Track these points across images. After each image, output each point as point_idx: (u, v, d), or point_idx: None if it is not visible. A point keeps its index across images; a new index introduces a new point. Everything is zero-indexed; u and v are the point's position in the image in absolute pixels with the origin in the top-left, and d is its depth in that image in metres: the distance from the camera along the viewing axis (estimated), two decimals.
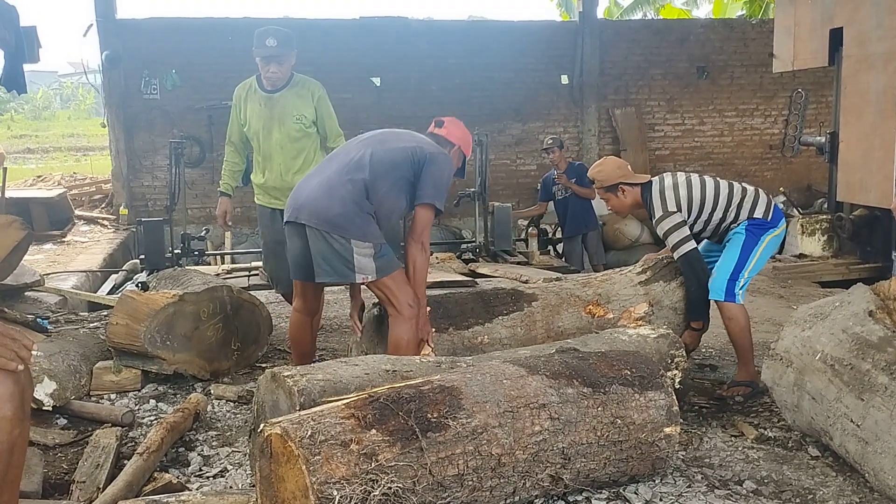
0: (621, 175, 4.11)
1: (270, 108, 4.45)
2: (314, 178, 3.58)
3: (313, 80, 4.62)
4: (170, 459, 3.15)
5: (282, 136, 4.45)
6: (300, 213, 3.48)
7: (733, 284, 3.87)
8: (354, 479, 2.10)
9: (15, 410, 1.92)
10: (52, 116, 34.23)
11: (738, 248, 3.92)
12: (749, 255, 3.90)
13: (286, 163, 4.48)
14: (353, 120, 10.98)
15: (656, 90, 12.34)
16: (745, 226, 3.96)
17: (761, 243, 3.94)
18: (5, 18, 5.00)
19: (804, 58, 7.89)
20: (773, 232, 4.00)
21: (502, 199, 10.35)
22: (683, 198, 3.97)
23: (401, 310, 3.42)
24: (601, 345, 3.35)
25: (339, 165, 3.54)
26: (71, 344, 4.06)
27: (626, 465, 2.72)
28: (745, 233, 3.95)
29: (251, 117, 4.49)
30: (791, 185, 11.90)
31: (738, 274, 3.88)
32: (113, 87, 10.90)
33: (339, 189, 3.44)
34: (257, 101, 4.48)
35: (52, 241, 9.43)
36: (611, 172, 4.13)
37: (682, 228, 3.93)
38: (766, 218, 3.98)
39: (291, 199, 3.59)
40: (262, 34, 4.35)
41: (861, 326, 2.96)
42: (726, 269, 3.90)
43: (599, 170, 4.21)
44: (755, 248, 3.92)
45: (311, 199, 3.47)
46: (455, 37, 11.65)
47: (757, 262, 3.93)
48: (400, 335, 3.42)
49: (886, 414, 2.63)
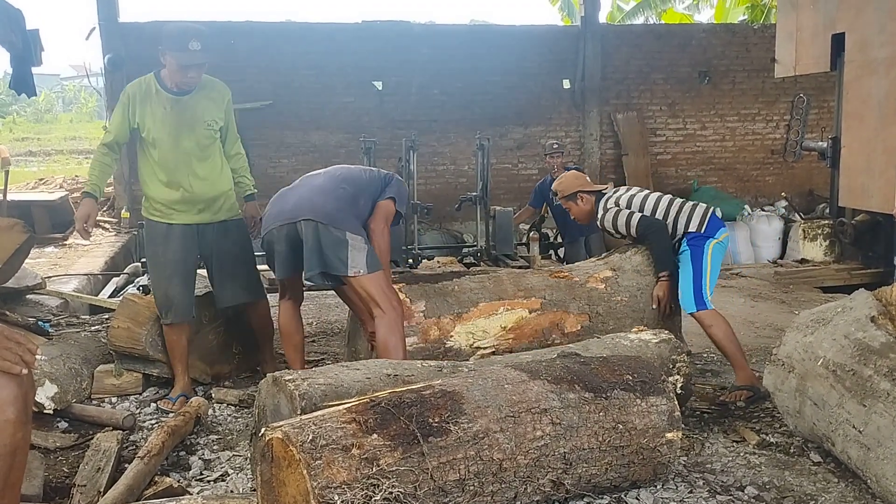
0: (579, 185, 4.63)
1: (179, 113, 3.94)
2: (298, 190, 3.84)
3: (219, 81, 4.21)
4: (171, 463, 3.15)
5: (192, 143, 3.95)
6: (297, 214, 3.67)
7: (700, 294, 4.17)
8: (356, 484, 2.10)
9: (18, 414, 1.93)
10: (54, 119, 34.25)
11: (688, 263, 4.22)
12: (701, 265, 4.21)
13: (195, 172, 3.97)
14: (355, 124, 11.02)
15: (658, 95, 12.33)
16: (686, 243, 4.27)
17: (706, 253, 4.23)
18: (12, 21, 5.02)
19: (806, 63, 7.88)
20: (712, 241, 4.26)
21: (504, 203, 10.34)
22: (625, 200, 4.44)
23: (386, 309, 3.55)
24: (602, 350, 3.35)
25: (325, 178, 3.87)
26: (72, 347, 4.07)
27: (628, 470, 2.72)
28: (689, 248, 4.25)
29: (151, 122, 3.91)
30: (793, 190, 11.88)
31: (701, 283, 4.18)
32: (115, 91, 10.85)
33: (334, 191, 3.74)
34: (161, 103, 3.94)
35: (54, 244, 9.43)
36: (570, 183, 4.65)
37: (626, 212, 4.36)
38: (699, 231, 4.26)
39: (275, 209, 3.80)
40: (183, 35, 3.91)
41: (863, 332, 2.96)
42: (688, 283, 4.20)
43: (560, 182, 4.74)
44: (703, 257, 4.23)
45: (306, 200, 3.71)
46: (457, 41, 11.65)
47: (712, 270, 4.23)
48: (387, 337, 3.53)
49: (888, 420, 2.63)
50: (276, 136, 10.95)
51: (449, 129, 11.60)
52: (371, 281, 3.58)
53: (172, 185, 3.96)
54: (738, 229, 10.51)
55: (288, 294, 3.99)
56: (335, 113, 11.31)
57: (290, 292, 4.00)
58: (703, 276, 4.19)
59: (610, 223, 4.42)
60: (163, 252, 3.97)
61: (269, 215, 3.85)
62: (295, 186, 3.94)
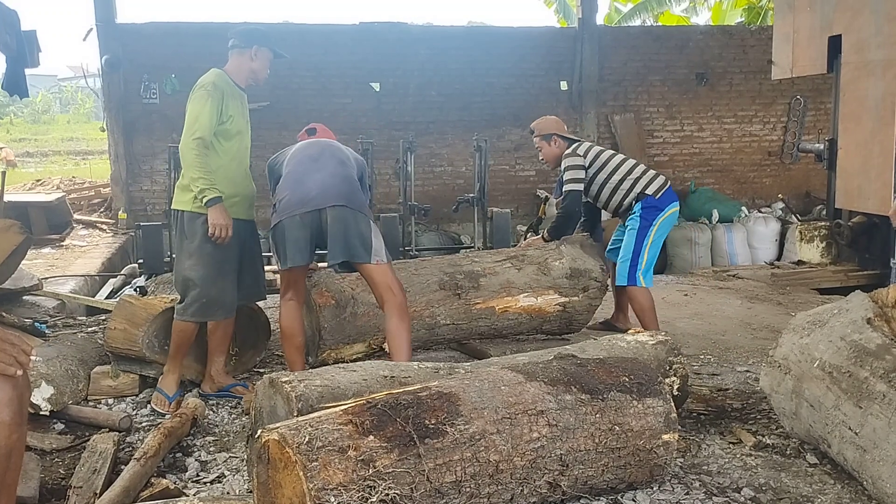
0: (556, 128, 5.00)
1: (245, 108, 4.10)
2: (316, 174, 3.83)
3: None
4: (167, 465, 3.15)
5: (250, 139, 4.14)
6: (325, 200, 3.72)
7: (634, 270, 4.67)
8: (352, 486, 2.10)
9: (13, 415, 1.92)
10: (52, 120, 34.20)
11: (633, 237, 4.68)
12: (643, 244, 4.66)
13: (248, 168, 4.15)
14: (352, 125, 11.02)
15: (655, 96, 12.35)
16: (640, 208, 4.68)
17: (652, 228, 4.67)
18: (7, 22, 5.01)
19: (803, 65, 7.89)
20: (662, 216, 4.70)
21: (501, 204, 10.36)
22: (594, 151, 4.86)
23: (397, 293, 3.74)
24: (599, 351, 3.35)
25: (332, 164, 3.90)
26: (69, 348, 4.06)
27: (624, 471, 2.72)
28: (639, 220, 4.67)
29: (235, 115, 3.96)
30: (790, 191, 11.90)
31: (637, 261, 4.67)
32: (112, 92, 10.90)
33: (349, 178, 3.88)
34: (238, 97, 4.03)
35: (51, 244, 9.42)
36: (548, 124, 5.03)
37: (580, 171, 4.77)
38: (655, 196, 4.69)
39: (296, 196, 3.75)
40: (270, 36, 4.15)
41: (859, 334, 2.96)
42: (626, 258, 4.71)
43: (540, 121, 5.09)
44: (647, 234, 4.67)
45: (332, 186, 3.77)
46: (455, 42, 11.66)
47: (651, 247, 4.68)
48: (399, 320, 3.69)
49: (884, 422, 2.63)
50: (274, 138, 10.91)
51: (447, 131, 11.61)
52: (387, 269, 3.78)
53: (238, 180, 4.01)
54: (735, 231, 10.53)
55: (290, 293, 3.91)
56: (333, 114, 11.30)
57: (292, 290, 3.91)
58: (641, 254, 4.66)
59: (563, 166, 4.81)
60: (221, 248, 3.86)
61: (288, 201, 3.75)
62: (307, 170, 3.85)
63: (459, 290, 4.50)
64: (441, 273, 4.55)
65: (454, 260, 4.80)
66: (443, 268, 4.61)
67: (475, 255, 4.95)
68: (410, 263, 4.79)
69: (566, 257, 4.71)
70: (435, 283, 4.49)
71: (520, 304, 4.55)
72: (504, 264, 4.68)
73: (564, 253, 4.73)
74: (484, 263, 4.68)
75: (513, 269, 4.64)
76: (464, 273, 4.56)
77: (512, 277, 4.61)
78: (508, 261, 4.72)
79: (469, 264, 4.66)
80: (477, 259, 4.76)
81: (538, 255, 4.75)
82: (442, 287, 4.50)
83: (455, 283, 4.52)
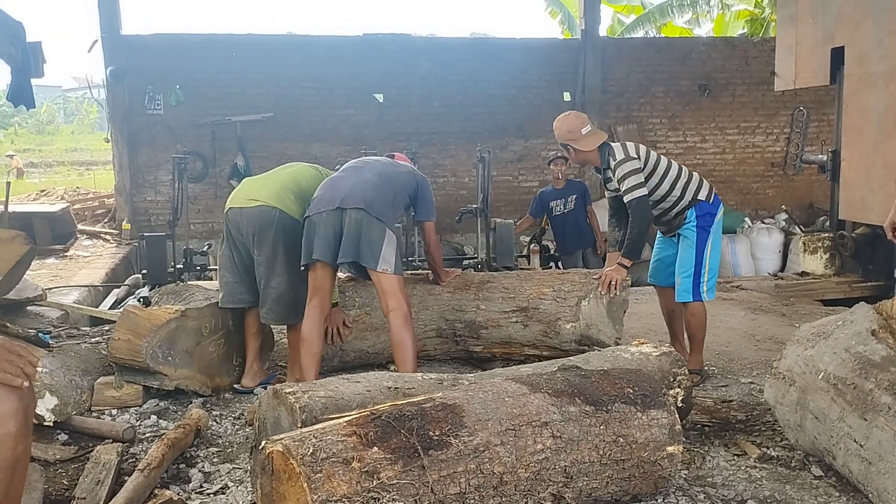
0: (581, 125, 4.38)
1: None
2: (348, 180, 4.03)
3: None
4: (170, 476, 3.14)
5: None
6: (349, 202, 3.89)
7: (698, 284, 4.30)
8: (356, 497, 2.10)
9: (19, 427, 1.92)
10: (56, 131, 34.36)
11: (692, 250, 4.30)
12: (703, 255, 4.30)
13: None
14: (355, 136, 11.06)
15: (658, 107, 12.38)
16: (695, 217, 4.30)
17: (710, 237, 4.31)
18: (12, 34, 5.04)
19: (805, 76, 7.91)
20: (716, 217, 4.34)
21: (504, 215, 10.36)
22: (644, 151, 4.32)
23: (400, 306, 3.87)
24: (603, 363, 3.34)
25: (372, 175, 4.06)
26: (72, 359, 4.06)
27: (629, 483, 2.71)
28: (695, 230, 4.30)
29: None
30: (793, 203, 11.91)
31: (700, 274, 4.30)
32: (117, 103, 10.95)
33: (381, 188, 4.01)
34: None
35: (55, 255, 9.45)
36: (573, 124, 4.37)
37: (639, 175, 4.21)
38: (708, 200, 4.34)
39: (327, 195, 3.97)
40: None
41: (864, 346, 2.96)
42: (687, 272, 4.31)
43: (571, 119, 4.41)
44: (706, 244, 4.31)
45: (358, 191, 3.93)
46: (457, 54, 11.71)
47: (712, 257, 4.32)
48: (402, 330, 3.85)
49: (890, 434, 2.62)
50: (277, 148, 10.98)
51: (449, 142, 11.64)
52: (394, 280, 3.90)
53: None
54: (739, 242, 10.52)
55: (316, 299, 3.98)
56: (336, 125, 11.35)
57: (318, 297, 3.98)
58: (703, 266, 4.30)
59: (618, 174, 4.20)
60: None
61: (319, 199, 4.00)
62: (345, 175, 4.12)
63: (457, 339, 4.55)
64: (441, 319, 4.54)
65: (460, 302, 4.53)
66: (444, 313, 4.54)
67: (486, 294, 4.53)
68: (413, 298, 4.40)
69: (582, 321, 4.24)
70: (433, 331, 4.55)
71: (524, 353, 4.45)
72: (511, 317, 4.43)
73: (582, 315, 4.25)
74: (490, 313, 4.47)
75: (518, 325, 4.41)
76: (464, 322, 4.50)
77: (514, 333, 4.41)
78: (517, 313, 4.42)
79: (474, 311, 4.49)
80: (483, 307, 4.49)
81: (552, 313, 4.33)
82: (439, 335, 4.56)
83: (454, 331, 4.52)
